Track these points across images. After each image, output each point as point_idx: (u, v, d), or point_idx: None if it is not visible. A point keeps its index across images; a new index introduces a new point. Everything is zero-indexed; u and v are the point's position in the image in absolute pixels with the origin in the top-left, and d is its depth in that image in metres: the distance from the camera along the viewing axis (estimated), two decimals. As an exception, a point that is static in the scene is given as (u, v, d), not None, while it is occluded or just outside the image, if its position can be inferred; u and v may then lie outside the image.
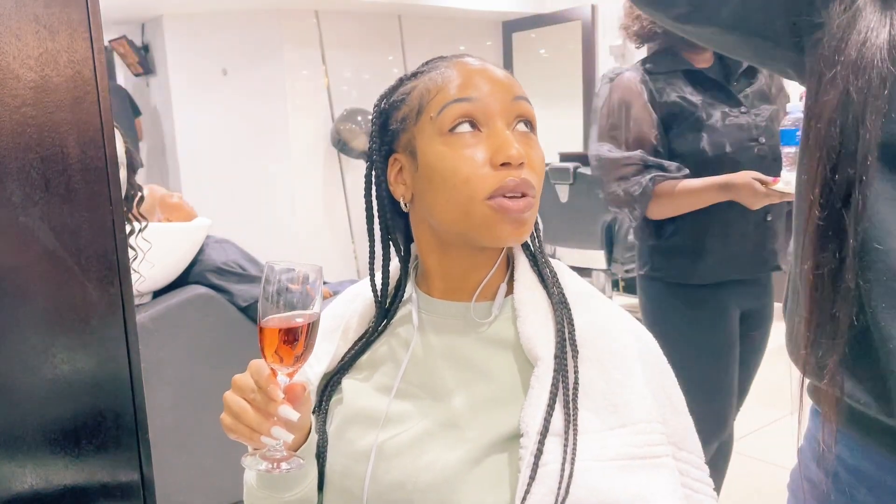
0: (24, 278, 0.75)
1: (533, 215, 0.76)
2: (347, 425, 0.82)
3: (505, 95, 0.76)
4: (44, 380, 0.77)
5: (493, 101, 0.76)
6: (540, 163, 0.77)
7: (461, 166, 0.74)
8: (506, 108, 0.76)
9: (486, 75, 0.77)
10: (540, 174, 0.77)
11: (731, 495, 2.49)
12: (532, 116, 0.78)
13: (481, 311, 0.81)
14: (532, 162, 0.75)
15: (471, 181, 0.73)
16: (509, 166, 0.73)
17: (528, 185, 0.74)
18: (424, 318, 0.84)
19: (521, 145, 0.75)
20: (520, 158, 0.73)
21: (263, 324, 0.71)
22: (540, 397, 0.72)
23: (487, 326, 0.81)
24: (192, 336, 2.16)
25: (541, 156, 0.78)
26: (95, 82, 0.77)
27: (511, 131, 0.76)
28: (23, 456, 0.76)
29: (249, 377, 0.72)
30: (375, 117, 0.83)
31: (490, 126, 0.75)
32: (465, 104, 0.75)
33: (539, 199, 0.77)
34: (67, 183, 0.76)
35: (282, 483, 0.79)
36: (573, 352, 0.75)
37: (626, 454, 0.71)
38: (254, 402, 0.71)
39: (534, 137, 0.78)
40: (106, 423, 0.81)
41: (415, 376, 0.81)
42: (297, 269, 0.71)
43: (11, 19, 0.72)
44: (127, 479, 0.84)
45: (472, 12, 5.59)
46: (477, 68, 0.78)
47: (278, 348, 0.71)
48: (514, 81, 0.79)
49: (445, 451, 0.75)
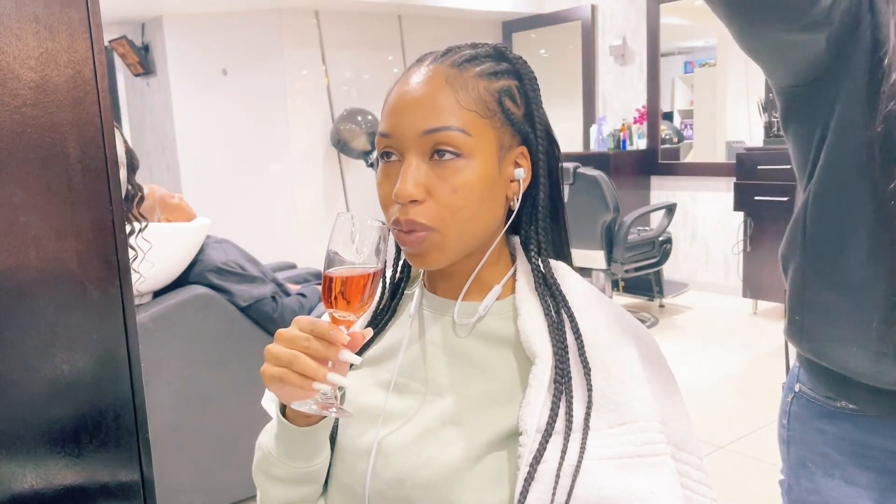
0: (24, 278, 0.75)
1: (427, 246, 0.76)
2: (349, 421, 0.83)
3: (415, 130, 0.75)
4: (44, 379, 0.77)
5: (406, 136, 0.75)
6: (447, 196, 0.75)
7: (381, 193, 0.79)
8: (416, 142, 0.75)
9: (403, 105, 0.76)
10: (449, 205, 0.75)
11: (730, 495, 2.49)
12: (451, 142, 0.74)
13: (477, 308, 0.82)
14: (435, 195, 0.74)
15: (384, 209, 0.79)
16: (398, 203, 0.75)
17: (411, 224, 0.74)
18: (427, 314, 0.85)
19: (429, 178, 0.74)
20: (405, 197, 0.73)
21: (331, 270, 0.72)
22: (538, 395, 0.73)
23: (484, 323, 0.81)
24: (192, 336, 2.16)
25: (451, 186, 0.75)
26: (95, 82, 0.77)
27: (427, 161, 0.75)
28: (23, 456, 0.76)
29: (296, 330, 0.71)
30: None
31: (405, 158, 0.76)
32: (384, 139, 0.77)
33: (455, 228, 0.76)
34: (67, 183, 0.76)
35: (303, 451, 0.79)
36: (579, 349, 0.75)
37: (626, 452, 0.71)
38: (307, 349, 0.70)
39: (452, 165, 0.75)
40: (106, 423, 0.81)
41: (416, 372, 0.82)
42: (367, 222, 0.72)
43: (11, 19, 0.72)
44: (127, 479, 0.84)
45: (472, 12, 5.59)
46: (396, 98, 0.77)
47: (346, 291, 0.71)
48: (432, 108, 0.75)
49: (444, 448, 0.75)
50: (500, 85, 0.78)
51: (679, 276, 5.29)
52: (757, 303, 4.62)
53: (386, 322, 0.88)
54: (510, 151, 0.79)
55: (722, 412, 3.19)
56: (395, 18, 5.52)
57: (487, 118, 0.77)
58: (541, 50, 6.20)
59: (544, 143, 0.81)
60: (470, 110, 0.75)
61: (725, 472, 2.66)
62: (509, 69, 0.80)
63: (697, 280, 5.24)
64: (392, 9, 5.32)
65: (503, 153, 0.78)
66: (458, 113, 0.75)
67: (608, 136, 5.40)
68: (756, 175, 4.32)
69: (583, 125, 5.77)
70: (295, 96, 5.16)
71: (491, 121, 0.77)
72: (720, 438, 2.89)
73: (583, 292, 0.82)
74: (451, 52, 0.79)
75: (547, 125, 0.82)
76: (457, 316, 0.82)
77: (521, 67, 0.81)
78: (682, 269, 5.31)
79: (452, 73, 0.77)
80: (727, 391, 3.46)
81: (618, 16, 5.51)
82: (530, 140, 0.80)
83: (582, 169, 4.19)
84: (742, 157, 4.45)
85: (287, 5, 4.97)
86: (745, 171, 4.38)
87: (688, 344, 4.13)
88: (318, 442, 0.79)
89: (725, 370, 3.72)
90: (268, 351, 0.71)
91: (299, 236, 5.16)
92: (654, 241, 4.42)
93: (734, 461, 2.75)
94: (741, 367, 3.78)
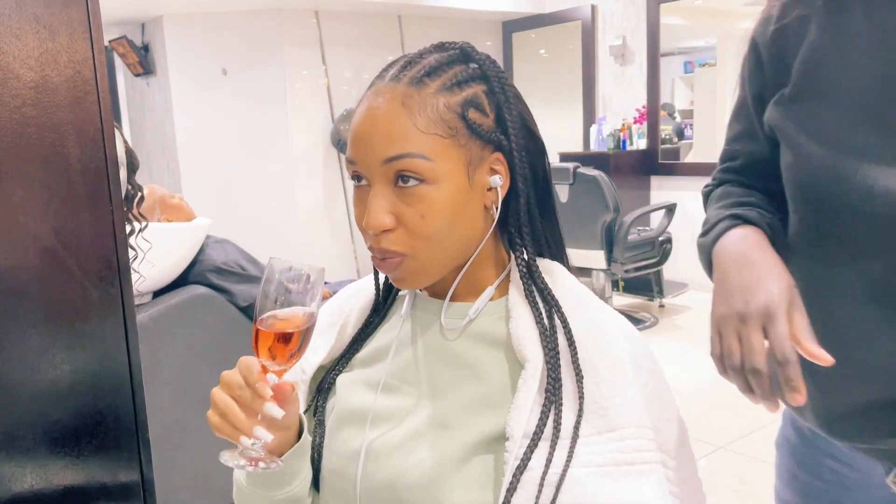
0: (24, 278, 0.75)
1: (404, 272, 0.76)
2: (341, 424, 0.82)
3: (376, 158, 0.73)
4: (44, 380, 0.77)
5: (369, 164, 0.74)
6: (415, 223, 0.73)
7: (356, 216, 0.78)
8: (379, 170, 0.74)
9: (362, 134, 0.74)
10: (418, 232, 0.73)
11: (730, 495, 2.49)
12: (412, 169, 0.72)
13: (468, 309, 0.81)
14: (405, 222, 0.73)
15: (361, 232, 0.78)
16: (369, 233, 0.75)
17: (384, 252, 0.74)
18: (419, 315, 0.84)
19: (396, 205, 0.73)
20: (374, 228, 0.73)
21: (259, 321, 0.70)
22: (526, 400, 0.72)
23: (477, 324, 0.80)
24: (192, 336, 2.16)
25: (419, 212, 0.73)
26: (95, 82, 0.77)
27: (393, 187, 0.73)
28: (23, 456, 0.76)
29: (238, 374, 0.71)
30: None
31: (372, 185, 0.75)
32: (351, 165, 0.76)
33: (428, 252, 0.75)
34: (67, 183, 0.76)
35: (271, 482, 0.79)
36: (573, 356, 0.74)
37: (613, 460, 0.70)
38: (240, 398, 0.70)
39: (417, 191, 0.72)
40: (106, 423, 0.81)
41: (407, 374, 0.81)
42: (299, 268, 0.70)
43: (11, 19, 0.72)
44: (127, 479, 0.84)
45: (472, 12, 5.59)
46: (356, 126, 0.75)
47: (272, 346, 0.70)
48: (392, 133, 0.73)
49: (433, 450, 0.74)
50: (464, 96, 0.74)
51: (679, 276, 5.28)
52: (757, 303, 4.61)
53: (378, 324, 0.88)
54: (482, 162, 0.76)
55: (722, 412, 3.18)
56: (395, 18, 5.52)
57: (450, 137, 0.73)
58: (541, 50, 6.19)
59: (521, 143, 0.77)
60: (429, 133, 0.72)
61: (725, 472, 2.66)
62: (476, 73, 0.76)
63: (697, 280, 5.23)
64: (392, 9, 5.32)
65: (473, 168, 0.75)
66: (417, 138, 0.72)
67: (608, 136, 5.40)
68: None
69: (583, 125, 5.77)
70: (295, 96, 5.16)
71: (455, 139, 0.73)
72: (720, 438, 2.89)
73: (576, 295, 0.81)
74: (411, 64, 0.76)
75: (523, 123, 0.78)
76: (447, 317, 0.81)
77: (489, 68, 0.77)
78: (682, 269, 5.30)
79: (409, 93, 0.73)
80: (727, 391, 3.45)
81: (618, 16, 5.50)
82: (503, 146, 0.76)
83: (582, 169, 4.19)
84: (742, 157, 4.44)
85: (287, 5, 4.96)
86: (745, 171, 4.38)
87: (688, 344, 4.13)
88: (290, 470, 0.78)
89: (725, 370, 3.72)
90: (211, 395, 0.72)
91: (299, 236, 5.16)
92: (653, 241, 4.42)
93: (734, 461, 2.75)
94: (741, 367, 3.77)
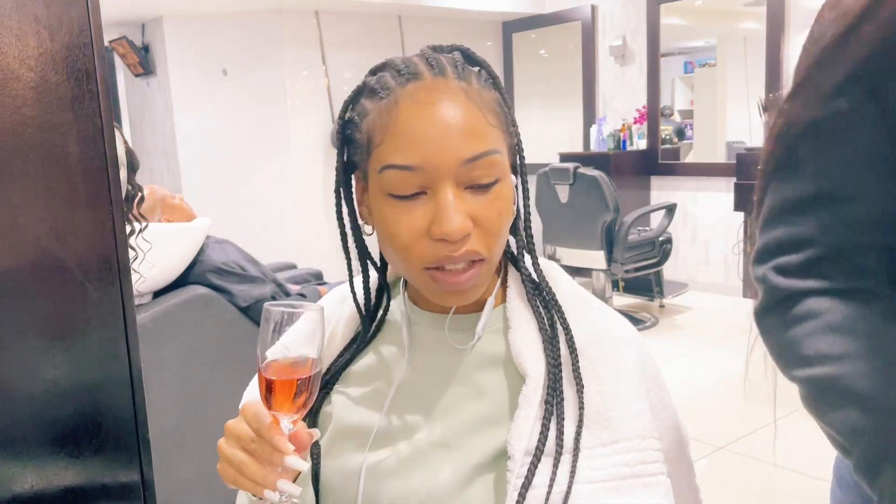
0: (24, 278, 0.75)
1: (480, 277, 0.70)
2: (340, 441, 0.79)
3: (453, 159, 0.66)
4: (44, 380, 0.77)
5: (441, 167, 0.66)
6: (494, 220, 0.69)
7: (400, 233, 0.68)
8: (453, 172, 0.67)
9: (432, 130, 0.66)
10: (495, 231, 0.69)
11: (730, 495, 2.49)
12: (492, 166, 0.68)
13: (470, 321, 0.77)
14: (483, 223, 0.68)
15: (408, 250, 0.69)
16: (447, 241, 0.67)
17: (470, 255, 0.68)
18: (416, 330, 0.79)
19: (471, 207, 0.68)
20: (460, 233, 0.66)
21: (265, 370, 0.66)
22: (527, 418, 0.69)
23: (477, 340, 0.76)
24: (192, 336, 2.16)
25: (497, 210, 0.69)
26: (95, 82, 0.77)
27: (462, 190, 0.68)
28: (23, 456, 0.76)
29: (245, 424, 0.67)
30: (339, 130, 0.76)
31: (434, 189, 0.67)
32: (406, 173, 0.67)
33: (496, 256, 0.71)
34: (67, 183, 0.76)
35: None
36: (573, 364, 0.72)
37: (619, 474, 0.68)
38: (255, 452, 0.66)
39: (492, 191, 0.69)
40: (106, 423, 0.81)
41: (406, 392, 0.77)
42: (296, 311, 0.66)
43: (11, 19, 0.72)
44: (127, 480, 0.83)
45: (472, 12, 5.59)
46: (423, 120, 0.67)
47: (283, 396, 0.66)
48: (471, 130, 0.67)
49: (435, 472, 0.72)
50: (496, 91, 0.73)
51: (679, 276, 5.29)
52: (757, 303, 4.61)
53: (371, 339, 0.83)
54: None
55: (722, 412, 3.18)
56: (395, 18, 5.51)
57: (503, 132, 0.71)
58: (541, 50, 6.19)
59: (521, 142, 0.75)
60: (495, 127, 0.70)
61: (725, 472, 2.66)
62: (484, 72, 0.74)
63: (697, 280, 5.23)
64: (392, 9, 5.32)
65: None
66: (491, 134, 0.69)
67: (608, 137, 5.40)
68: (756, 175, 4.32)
69: (583, 125, 5.77)
70: (295, 96, 5.16)
71: (505, 134, 0.72)
72: (720, 439, 2.89)
73: (577, 297, 0.78)
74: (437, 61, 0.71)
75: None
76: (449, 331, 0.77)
77: (490, 68, 0.74)
78: (683, 269, 5.30)
79: (466, 89, 0.69)
80: (727, 391, 3.46)
81: (618, 16, 5.50)
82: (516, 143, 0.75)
83: (582, 169, 4.19)
84: (742, 158, 4.45)
85: (287, 5, 4.96)
86: (746, 171, 4.38)
87: (688, 344, 4.13)
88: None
89: (726, 370, 3.72)
90: (219, 449, 0.69)
91: (299, 236, 5.15)
92: (654, 241, 4.42)
93: (734, 461, 2.75)
94: (741, 368, 3.77)
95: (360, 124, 0.72)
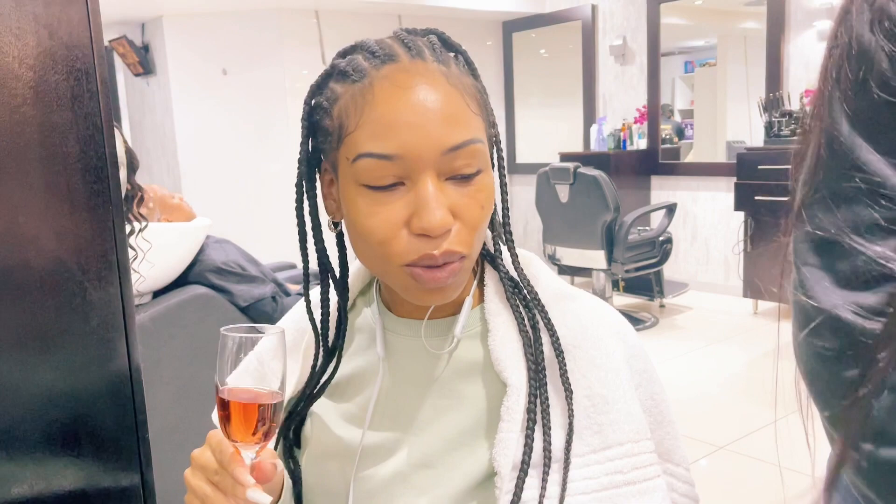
0: (23, 278, 0.75)
1: (461, 274, 0.66)
2: (322, 459, 0.76)
3: (434, 147, 0.62)
4: (43, 380, 0.77)
5: (419, 157, 0.62)
6: (476, 213, 0.64)
7: (376, 227, 0.64)
8: (434, 162, 0.62)
9: (411, 115, 0.61)
10: (476, 225, 0.65)
11: (730, 495, 2.49)
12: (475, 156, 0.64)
13: (447, 325, 0.72)
14: (464, 216, 0.64)
15: (385, 245, 0.64)
16: (428, 237, 0.62)
17: (450, 255, 0.63)
18: (391, 338, 0.75)
19: (452, 199, 0.63)
20: (443, 227, 0.62)
21: (225, 395, 0.63)
22: (511, 431, 0.65)
23: (455, 346, 0.72)
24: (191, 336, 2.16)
25: (479, 203, 0.65)
26: (95, 82, 0.77)
27: (443, 181, 0.64)
28: (23, 457, 0.76)
29: (209, 455, 0.65)
30: (305, 116, 0.69)
31: (413, 180, 0.63)
32: (383, 163, 0.62)
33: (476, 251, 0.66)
34: (67, 183, 0.76)
35: None
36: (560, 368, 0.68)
37: (612, 483, 0.65)
38: (219, 483, 0.64)
39: (474, 182, 0.64)
40: (106, 424, 0.81)
41: (386, 405, 0.73)
42: (255, 335, 0.64)
43: (11, 19, 0.71)
44: (126, 480, 0.83)
45: (472, 12, 5.59)
46: (403, 105, 0.62)
47: (243, 425, 0.63)
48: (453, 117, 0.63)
49: (418, 498, 0.69)
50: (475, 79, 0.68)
51: (679, 276, 5.29)
52: (757, 303, 4.61)
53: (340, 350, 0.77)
54: None
55: (722, 412, 3.18)
56: (395, 18, 5.51)
57: (484, 120, 0.67)
58: (541, 50, 6.19)
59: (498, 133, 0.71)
60: (476, 114, 0.65)
61: (725, 472, 2.66)
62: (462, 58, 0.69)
63: (698, 280, 5.24)
64: (392, 9, 5.32)
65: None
66: (474, 121, 0.65)
67: (608, 136, 5.40)
68: (756, 175, 4.32)
69: (583, 125, 5.77)
70: (295, 96, 5.15)
71: (486, 123, 0.67)
72: (720, 438, 2.89)
73: (557, 291, 0.74)
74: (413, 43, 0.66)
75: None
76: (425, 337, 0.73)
77: (467, 55, 0.70)
78: (683, 269, 5.30)
79: (444, 71, 0.64)
80: (727, 391, 3.46)
81: (618, 16, 5.50)
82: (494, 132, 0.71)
83: (582, 169, 4.19)
84: (742, 157, 4.45)
85: (287, 5, 4.96)
86: (746, 171, 4.38)
87: (688, 344, 4.13)
88: None
89: (726, 370, 3.72)
90: (186, 479, 0.67)
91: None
92: (654, 241, 4.42)
93: (734, 461, 2.75)
94: (741, 368, 3.77)
95: (329, 109, 0.66)
